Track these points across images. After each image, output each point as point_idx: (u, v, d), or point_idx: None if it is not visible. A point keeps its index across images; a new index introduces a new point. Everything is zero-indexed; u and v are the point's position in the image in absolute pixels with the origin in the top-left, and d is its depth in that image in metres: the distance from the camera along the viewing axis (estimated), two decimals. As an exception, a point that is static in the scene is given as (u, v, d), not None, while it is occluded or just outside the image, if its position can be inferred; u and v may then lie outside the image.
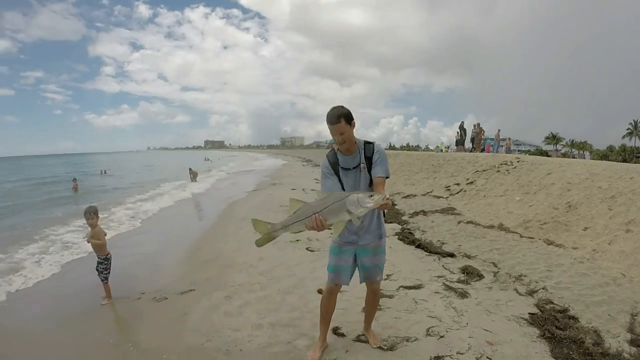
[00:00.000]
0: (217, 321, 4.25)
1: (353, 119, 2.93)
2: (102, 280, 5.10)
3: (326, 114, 2.87)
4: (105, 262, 5.11)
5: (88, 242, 5.09)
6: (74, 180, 22.77)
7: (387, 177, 2.98)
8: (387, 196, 2.55)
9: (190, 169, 24.78)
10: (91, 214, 5.01)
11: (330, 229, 2.69)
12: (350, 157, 3.02)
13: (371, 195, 2.53)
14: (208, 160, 61.81)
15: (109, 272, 5.14)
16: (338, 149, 3.06)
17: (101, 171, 38.25)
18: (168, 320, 4.41)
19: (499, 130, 24.41)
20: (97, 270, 5.09)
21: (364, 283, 3.37)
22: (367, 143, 3.06)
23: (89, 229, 5.07)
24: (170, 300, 4.99)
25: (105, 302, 5.02)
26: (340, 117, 2.85)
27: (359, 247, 3.17)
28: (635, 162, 41.45)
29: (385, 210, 3.26)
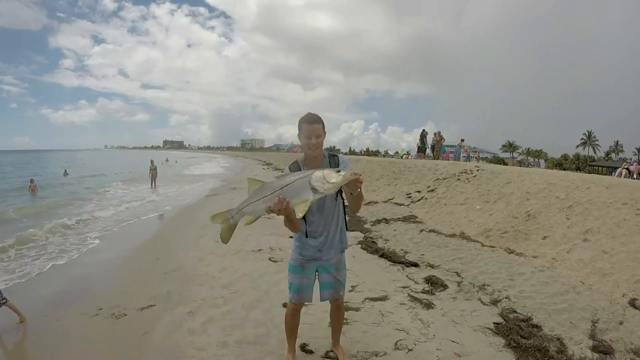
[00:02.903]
0: (180, 340, 4.01)
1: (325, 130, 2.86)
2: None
3: (303, 116, 2.78)
4: None
5: None
6: (31, 181, 21.16)
7: None
8: (359, 173, 2.41)
9: (152, 162, 24.02)
10: None
11: (292, 212, 2.42)
12: None
13: (339, 171, 2.32)
14: (167, 161, 60.13)
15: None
16: (303, 161, 2.92)
17: (65, 171, 34.84)
18: (128, 340, 4.11)
19: (462, 140, 25.00)
20: None
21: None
22: (332, 155, 2.96)
23: None
24: (129, 316, 4.68)
25: (20, 322, 4.60)
26: (321, 121, 2.77)
27: (322, 263, 3.05)
28: (589, 172, 43.44)
29: (347, 218, 3.17)
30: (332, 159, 2.94)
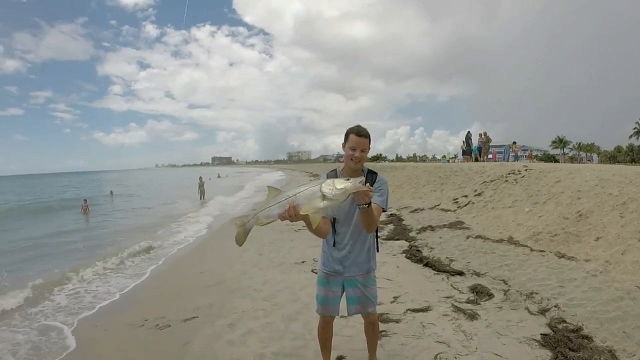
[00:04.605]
0: (219, 351, 4.15)
1: None
2: None
3: (353, 126, 2.81)
4: None
5: None
6: (85, 201, 21.44)
7: (384, 210, 2.86)
8: (369, 186, 2.39)
9: (200, 178, 25.49)
10: None
11: (304, 220, 2.45)
12: None
13: (348, 179, 2.35)
14: (219, 177, 63.00)
15: None
16: (341, 171, 2.95)
17: (110, 192, 35.73)
18: (169, 350, 4.33)
19: (514, 142, 23.74)
20: None
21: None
22: (371, 172, 2.97)
23: None
24: (172, 327, 4.91)
25: None
26: (369, 136, 2.81)
27: (346, 278, 3.04)
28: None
29: (378, 239, 3.14)
30: (370, 175, 2.94)
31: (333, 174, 2.95)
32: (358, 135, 2.76)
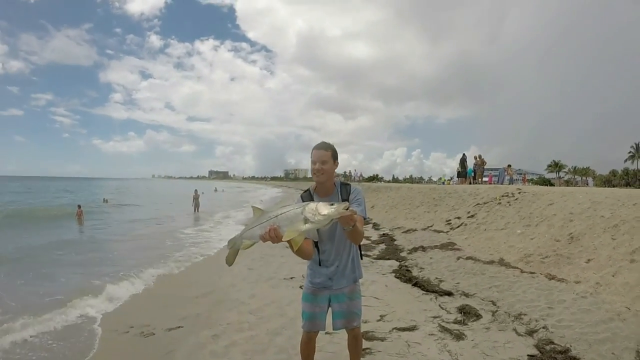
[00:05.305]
0: None
1: (338, 160, 2.86)
2: None
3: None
4: None
5: None
6: (79, 207, 20.48)
7: (365, 219, 2.82)
8: (353, 209, 2.36)
9: (195, 191, 25.79)
10: None
11: (285, 241, 2.35)
12: (327, 198, 2.84)
13: (332, 204, 2.28)
14: (216, 191, 62.93)
15: None
16: (314, 190, 2.92)
17: (104, 199, 36.14)
18: (152, 358, 4.28)
19: (510, 165, 23.80)
20: None
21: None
22: (344, 184, 2.95)
23: None
24: (157, 336, 4.84)
25: None
26: (329, 148, 2.79)
27: (334, 292, 2.98)
28: (639, 187, 40.55)
29: (361, 251, 3.09)
30: (344, 187, 2.93)
31: (307, 194, 2.92)
32: (317, 148, 2.78)
